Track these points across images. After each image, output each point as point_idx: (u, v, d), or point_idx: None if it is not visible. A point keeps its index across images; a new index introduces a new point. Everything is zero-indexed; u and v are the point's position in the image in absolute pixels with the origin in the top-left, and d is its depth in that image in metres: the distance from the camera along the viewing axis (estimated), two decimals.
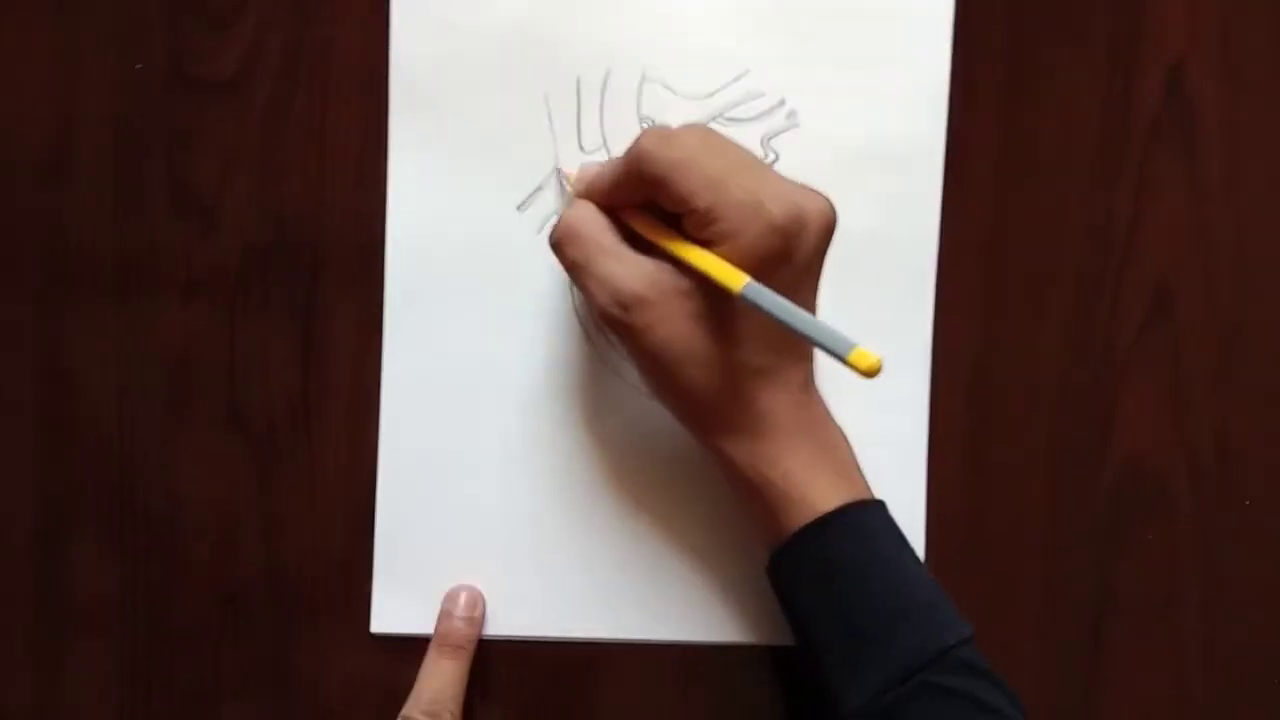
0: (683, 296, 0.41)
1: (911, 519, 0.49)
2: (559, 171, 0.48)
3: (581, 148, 0.47)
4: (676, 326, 0.41)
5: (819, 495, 0.42)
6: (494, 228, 0.48)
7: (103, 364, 0.48)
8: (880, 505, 0.43)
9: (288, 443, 0.48)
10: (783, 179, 0.42)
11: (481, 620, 0.48)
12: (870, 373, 0.36)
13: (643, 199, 0.42)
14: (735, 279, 0.39)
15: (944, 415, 0.49)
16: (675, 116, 0.47)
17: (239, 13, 0.47)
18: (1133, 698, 0.50)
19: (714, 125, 0.47)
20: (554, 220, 0.48)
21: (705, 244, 0.40)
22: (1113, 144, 0.49)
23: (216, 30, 0.47)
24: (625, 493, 0.48)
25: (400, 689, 0.47)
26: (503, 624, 0.48)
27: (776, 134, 0.48)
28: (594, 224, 0.43)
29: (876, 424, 0.47)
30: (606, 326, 0.43)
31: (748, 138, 0.47)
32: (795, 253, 0.40)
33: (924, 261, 0.48)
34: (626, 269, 0.41)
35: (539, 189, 0.48)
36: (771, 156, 0.48)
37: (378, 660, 0.48)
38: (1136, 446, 0.50)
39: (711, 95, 0.48)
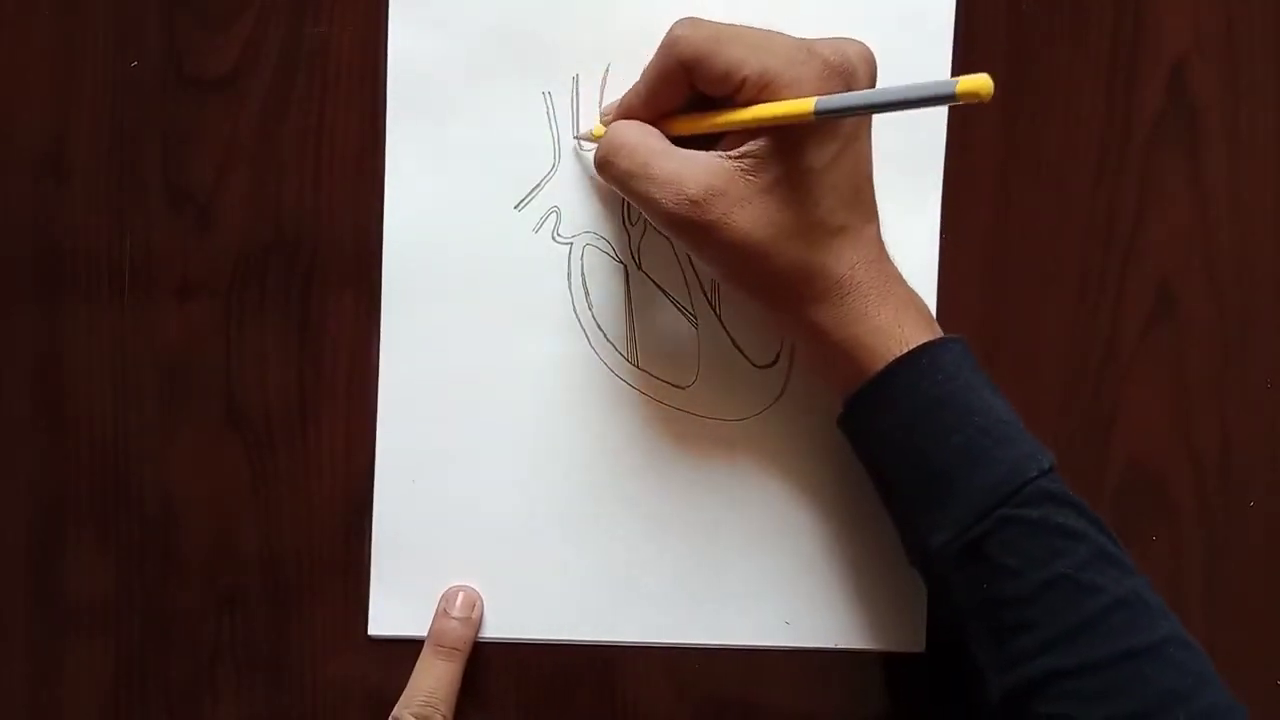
0: (750, 178, 0.40)
1: None
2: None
3: (580, 146, 0.47)
4: (753, 210, 0.40)
5: (907, 336, 0.41)
6: (492, 226, 0.47)
7: (99, 363, 0.48)
8: (961, 342, 0.42)
9: (285, 442, 0.48)
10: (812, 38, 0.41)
11: (478, 622, 0.48)
12: (985, 93, 0.33)
13: (682, 99, 0.41)
14: (804, 105, 0.38)
15: None
16: None
17: (236, 11, 0.47)
18: None
19: None
20: (561, 215, 0.48)
21: None
22: (1115, 144, 0.49)
23: (214, 29, 0.47)
24: (624, 494, 0.48)
25: (397, 690, 0.47)
26: (500, 626, 0.48)
27: None
28: (640, 130, 0.42)
29: None
30: (674, 231, 0.42)
31: None
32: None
33: (926, 262, 0.48)
34: (688, 165, 0.40)
35: (537, 188, 0.47)
36: None
37: (374, 661, 0.48)
38: (1139, 449, 0.50)
39: None
